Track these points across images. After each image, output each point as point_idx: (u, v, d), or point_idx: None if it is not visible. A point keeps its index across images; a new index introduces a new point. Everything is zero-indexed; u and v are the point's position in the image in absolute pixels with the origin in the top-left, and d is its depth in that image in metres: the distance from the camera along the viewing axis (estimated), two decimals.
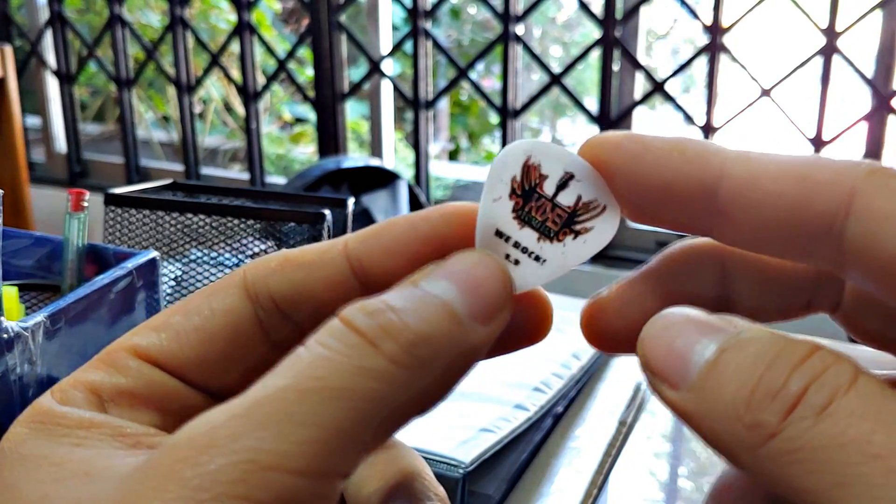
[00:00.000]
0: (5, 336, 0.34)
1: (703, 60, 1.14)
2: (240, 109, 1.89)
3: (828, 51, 1.06)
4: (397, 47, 1.39)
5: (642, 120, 1.28)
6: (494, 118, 2.19)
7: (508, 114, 1.30)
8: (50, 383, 0.17)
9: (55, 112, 1.75)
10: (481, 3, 1.27)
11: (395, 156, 1.59)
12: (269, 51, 1.49)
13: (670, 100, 1.17)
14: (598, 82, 1.22)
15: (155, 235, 0.51)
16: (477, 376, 0.53)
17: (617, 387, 0.52)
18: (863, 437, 0.12)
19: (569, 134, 2.39)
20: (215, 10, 1.83)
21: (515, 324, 0.17)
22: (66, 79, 1.68)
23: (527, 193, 0.17)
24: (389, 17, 1.43)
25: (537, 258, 0.17)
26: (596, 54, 1.22)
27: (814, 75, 1.08)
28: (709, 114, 1.15)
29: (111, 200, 0.52)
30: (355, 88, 1.44)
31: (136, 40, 1.61)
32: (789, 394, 0.12)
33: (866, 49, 1.07)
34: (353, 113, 1.91)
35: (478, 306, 0.15)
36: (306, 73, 1.77)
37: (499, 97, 1.31)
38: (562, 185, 0.17)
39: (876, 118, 1.07)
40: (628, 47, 1.19)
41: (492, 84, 2.12)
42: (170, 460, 0.13)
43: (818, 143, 1.09)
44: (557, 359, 0.51)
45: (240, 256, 0.50)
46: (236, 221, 0.50)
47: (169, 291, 0.51)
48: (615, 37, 1.18)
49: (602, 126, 1.22)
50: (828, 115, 1.08)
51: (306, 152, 1.99)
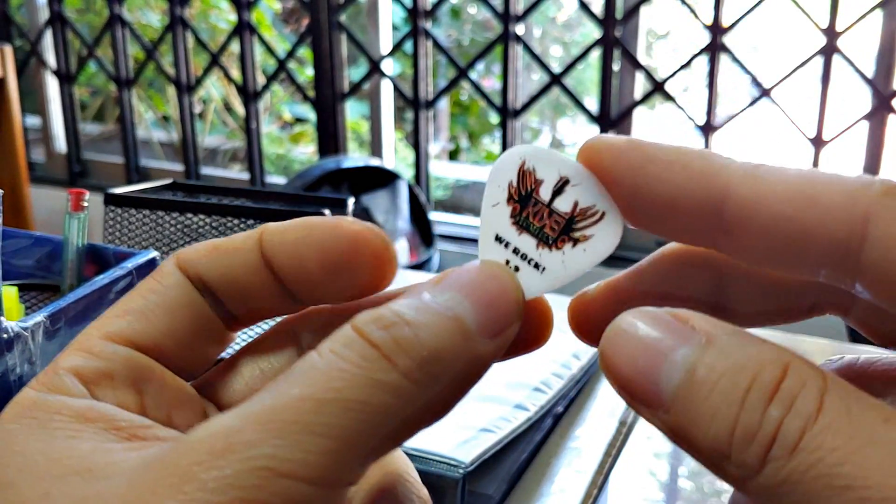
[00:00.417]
0: (5, 336, 0.34)
1: (703, 60, 1.14)
2: (240, 109, 1.89)
3: (828, 50, 1.06)
4: (397, 47, 1.39)
5: (642, 120, 1.28)
6: (494, 118, 2.19)
7: (508, 114, 1.30)
8: None
9: (55, 112, 1.75)
10: (481, 2, 1.27)
11: (395, 156, 1.59)
12: (269, 51, 1.49)
13: (671, 100, 1.17)
14: (599, 82, 1.22)
15: (155, 235, 0.51)
16: None
17: None
18: (831, 471, 0.12)
19: (569, 134, 2.39)
20: (215, 10, 1.83)
21: (529, 333, 0.17)
22: (66, 79, 1.68)
23: (523, 199, 0.17)
24: (389, 16, 1.43)
25: (536, 266, 0.17)
26: (596, 54, 1.22)
27: (814, 75, 1.08)
28: (709, 113, 1.15)
29: (111, 200, 0.52)
30: (355, 88, 1.44)
31: (135, 40, 1.61)
32: (765, 434, 0.13)
33: (866, 49, 1.07)
34: (353, 113, 1.91)
35: (489, 322, 0.15)
36: (306, 73, 1.77)
37: (499, 97, 1.31)
38: (558, 191, 0.17)
39: (876, 118, 1.07)
40: (628, 47, 1.19)
41: (492, 84, 2.12)
42: (185, 462, 0.13)
43: (818, 142, 1.09)
44: (558, 359, 0.51)
45: None
46: (236, 221, 0.50)
47: None
48: (615, 37, 1.18)
49: (602, 126, 1.22)
50: (828, 115, 1.08)
51: (306, 152, 1.99)
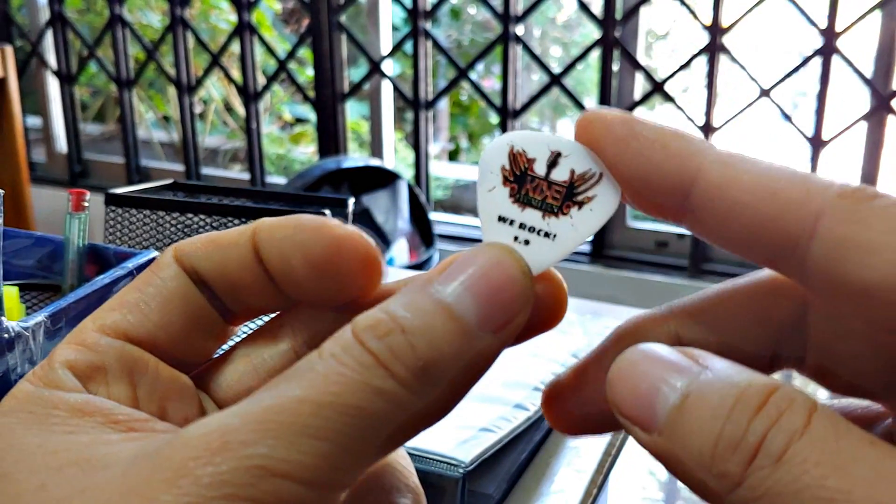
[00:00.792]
0: (6, 336, 0.34)
1: (702, 61, 1.14)
2: (240, 110, 1.89)
3: (827, 51, 1.06)
4: (397, 47, 1.39)
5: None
6: (494, 118, 2.19)
7: (508, 114, 1.30)
8: None
9: (56, 112, 1.75)
10: (481, 3, 1.27)
11: (396, 156, 1.59)
12: (270, 51, 1.49)
13: (670, 100, 1.17)
14: (598, 83, 1.22)
15: (155, 235, 0.51)
16: None
17: None
18: (816, 483, 0.12)
19: (569, 134, 2.39)
20: (215, 11, 1.83)
21: (542, 314, 0.17)
22: (67, 79, 1.68)
23: (519, 178, 0.17)
24: (389, 17, 1.43)
25: (547, 234, 0.17)
26: (596, 55, 1.22)
27: (813, 75, 1.08)
28: (708, 114, 1.15)
29: (112, 200, 0.52)
30: (355, 89, 1.44)
31: (136, 40, 1.61)
32: (749, 444, 0.13)
33: (865, 49, 1.07)
34: (353, 113, 1.91)
35: (492, 316, 0.15)
36: (306, 74, 1.77)
37: (499, 97, 1.31)
38: (552, 164, 0.17)
39: (875, 118, 1.07)
40: (628, 48, 1.19)
41: (492, 84, 2.12)
42: (181, 457, 0.13)
43: (817, 143, 1.09)
44: (558, 359, 0.51)
45: None
46: (237, 222, 0.50)
47: None
48: (615, 37, 1.18)
49: None
50: (827, 116, 1.08)
51: (306, 152, 1.99)
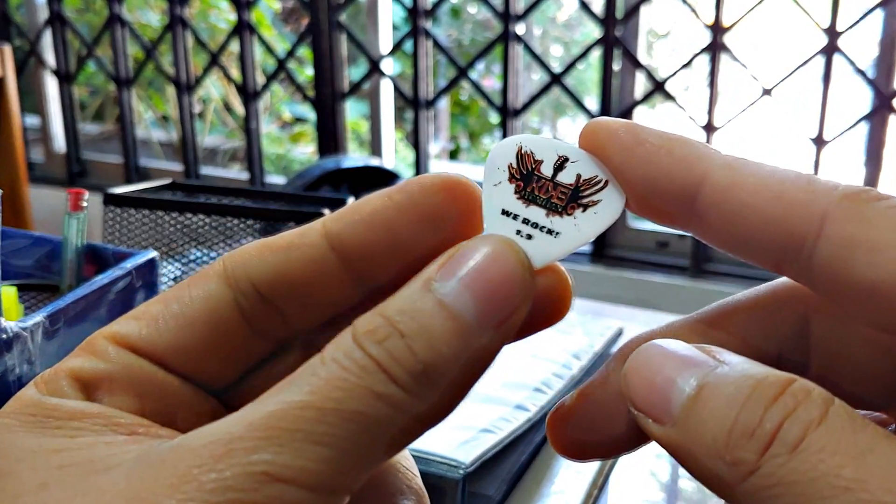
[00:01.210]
0: (4, 336, 0.34)
1: (703, 60, 1.14)
2: (239, 109, 1.89)
3: (829, 50, 1.06)
4: (397, 47, 1.39)
5: (643, 119, 1.28)
6: (495, 118, 2.18)
7: (509, 113, 1.29)
8: None
9: (54, 112, 1.74)
10: (481, 2, 1.26)
11: (396, 155, 1.59)
12: (269, 50, 1.49)
13: (671, 99, 1.17)
14: (599, 82, 1.22)
15: (154, 235, 0.51)
16: None
17: None
18: (832, 471, 0.12)
19: (569, 133, 2.39)
20: (215, 10, 1.82)
21: (533, 304, 0.16)
22: (66, 78, 1.68)
23: (525, 177, 0.17)
24: (389, 16, 1.43)
25: (550, 231, 0.17)
26: (597, 54, 1.22)
27: (815, 75, 1.08)
28: (710, 113, 1.14)
29: (110, 200, 0.52)
30: (355, 88, 1.44)
31: (135, 40, 1.61)
32: (764, 432, 0.13)
33: (868, 48, 1.07)
34: (353, 112, 1.91)
35: (492, 311, 0.15)
36: (306, 73, 1.77)
37: (499, 97, 1.31)
38: (559, 168, 0.17)
39: (877, 118, 1.07)
40: (629, 47, 1.18)
41: (492, 84, 2.12)
42: (185, 463, 0.13)
43: (819, 142, 1.09)
44: (558, 359, 0.51)
45: None
46: (236, 221, 0.49)
47: None
48: (616, 36, 1.17)
49: None
50: (829, 115, 1.08)
51: (306, 152, 1.99)
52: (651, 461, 0.47)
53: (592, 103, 1.27)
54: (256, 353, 0.17)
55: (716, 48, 1.11)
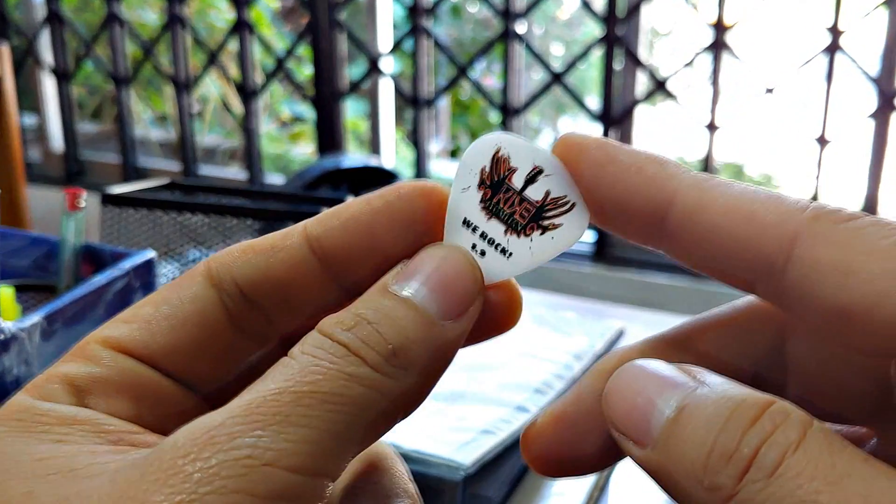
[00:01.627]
0: (1, 337, 0.34)
1: (705, 58, 1.14)
2: (238, 108, 1.88)
3: (832, 49, 1.05)
4: (397, 45, 1.39)
5: (644, 118, 1.28)
6: (495, 117, 2.18)
7: (509, 112, 1.29)
8: None
9: (52, 111, 1.74)
10: (482, 0, 1.26)
11: (396, 155, 1.59)
12: (268, 49, 1.48)
13: (673, 98, 1.17)
14: (600, 81, 1.22)
15: (153, 235, 0.50)
16: (477, 378, 0.52)
17: None
18: (809, 497, 0.12)
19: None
20: (213, 9, 1.82)
21: (485, 313, 0.17)
22: (63, 77, 1.68)
23: (495, 185, 0.17)
24: (390, 14, 1.42)
25: (504, 251, 0.17)
26: (598, 53, 1.22)
27: (818, 74, 1.08)
28: (712, 112, 1.14)
29: (108, 200, 0.52)
30: (355, 87, 1.44)
31: (133, 39, 1.60)
32: (742, 456, 0.13)
33: (871, 47, 1.06)
34: (353, 111, 1.90)
35: (449, 305, 0.16)
36: (305, 72, 1.76)
37: (499, 96, 1.30)
38: (530, 179, 0.17)
39: (880, 117, 1.06)
40: (630, 46, 1.18)
41: (493, 83, 2.12)
42: (170, 457, 0.13)
43: (822, 141, 1.09)
44: (558, 360, 0.50)
45: None
46: (235, 221, 0.49)
47: None
48: (617, 35, 1.17)
49: (604, 124, 1.22)
50: (832, 114, 1.08)
51: (305, 151, 1.98)
52: None
53: (593, 102, 1.26)
54: (245, 354, 0.18)
55: (718, 47, 1.11)
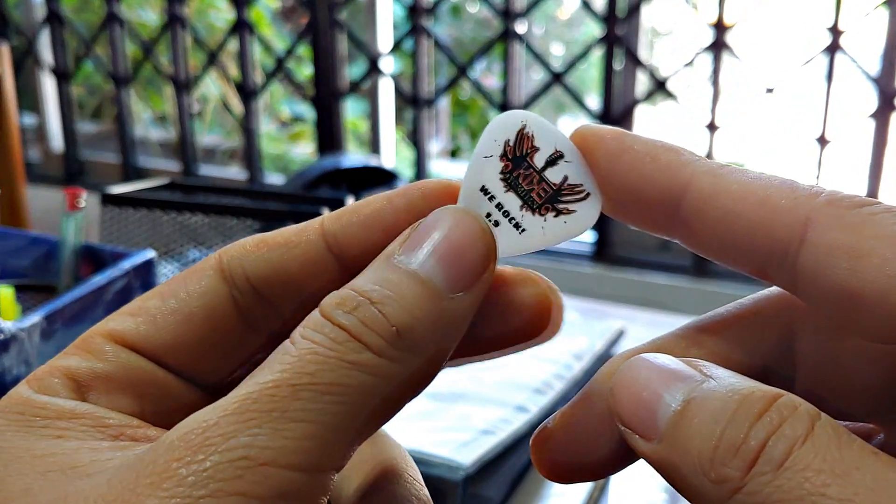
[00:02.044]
0: (1, 337, 0.34)
1: (706, 58, 1.14)
2: (238, 108, 1.88)
3: (832, 49, 1.05)
4: (397, 45, 1.39)
5: (645, 118, 1.28)
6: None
7: None
8: None
9: (52, 111, 1.74)
10: (482, 0, 1.26)
11: (396, 155, 1.58)
12: (268, 49, 1.48)
13: (673, 98, 1.17)
14: (601, 81, 1.22)
15: (152, 235, 0.50)
16: (477, 378, 0.52)
17: None
18: (817, 490, 0.12)
19: (570, 132, 2.39)
20: (213, 9, 1.82)
21: (512, 315, 0.17)
22: (63, 77, 1.68)
23: (517, 160, 0.17)
24: (389, 14, 1.42)
25: (517, 225, 0.17)
26: (598, 53, 1.21)
27: (818, 74, 1.08)
28: (712, 112, 1.14)
29: (108, 200, 0.52)
30: (355, 87, 1.44)
31: (133, 38, 1.60)
32: (749, 448, 0.13)
33: (871, 47, 1.06)
34: (353, 111, 1.90)
35: (459, 275, 0.15)
36: (305, 72, 1.76)
37: (499, 95, 1.30)
38: (551, 162, 0.17)
39: (881, 116, 1.06)
40: (631, 45, 1.18)
41: (493, 83, 2.12)
42: (164, 459, 0.13)
43: (822, 141, 1.09)
44: (559, 360, 0.50)
45: None
46: (234, 221, 0.49)
47: None
48: (617, 35, 1.17)
49: (604, 124, 1.22)
50: (832, 114, 1.08)
51: (305, 151, 1.98)
52: None
53: (594, 102, 1.26)
54: (250, 348, 0.17)
55: (718, 47, 1.11)
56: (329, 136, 1.46)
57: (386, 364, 0.14)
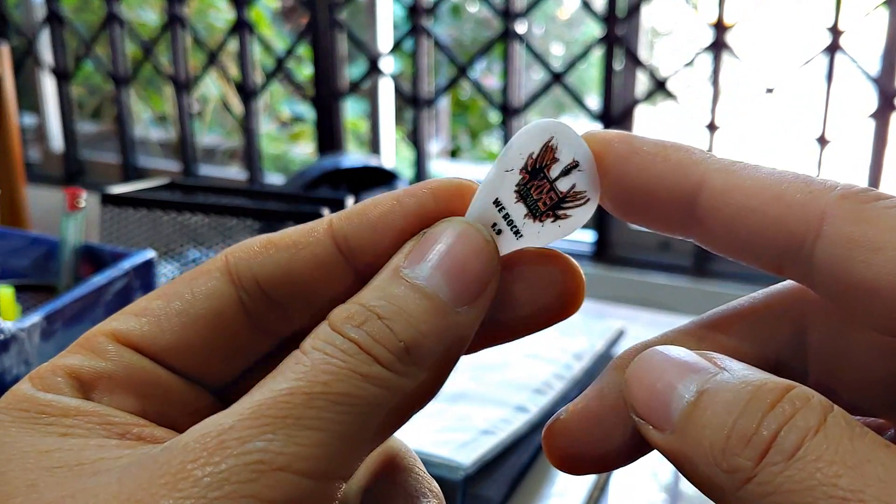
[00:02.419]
0: (1, 337, 0.34)
1: (706, 58, 1.14)
2: (238, 108, 1.88)
3: (832, 49, 1.05)
4: (397, 45, 1.39)
5: (644, 118, 1.28)
6: (495, 117, 2.18)
7: (509, 112, 1.29)
8: None
9: (52, 111, 1.74)
10: (482, 0, 1.26)
11: (396, 155, 1.58)
12: (268, 49, 1.48)
13: (673, 98, 1.17)
14: (601, 81, 1.22)
15: (152, 235, 0.50)
16: (478, 378, 0.52)
17: None
18: (829, 481, 0.12)
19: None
20: (213, 9, 1.82)
21: (545, 296, 0.17)
22: (63, 77, 1.68)
23: (534, 171, 0.17)
24: (389, 14, 1.42)
25: (517, 232, 0.17)
26: (598, 53, 1.21)
27: (818, 74, 1.08)
28: (712, 112, 1.14)
29: (108, 200, 0.52)
30: (355, 87, 1.44)
31: (133, 38, 1.60)
32: (761, 439, 0.13)
33: (871, 47, 1.06)
34: (353, 111, 1.90)
35: (464, 288, 0.15)
36: (305, 72, 1.76)
37: (499, 95, 1.30)
38: (565, 172, 0.17)
39: (881, 116, 1.06)
40: (631, 45, 1.18)
41: (493, 83, 2.12)
42: (179, 460, 0.13)
43: (822, 141, 1.09)
44: (559, 360, 0.50)
45: None
46: (234, 221, 0.49)
47: None
48: (617, 35, 1.17)
49: (604, 124, 1.22)
50: (832, 114, 1.08)
51: (305, 151, 1.98)
52: (652, 463, 0.47)
53: (594, 102, 1.26)
54: (257, 350, 0.17)
55: (718, 47, 1.11)
56: (329, 136, 1.46)
57: (394, 377, 0.14)
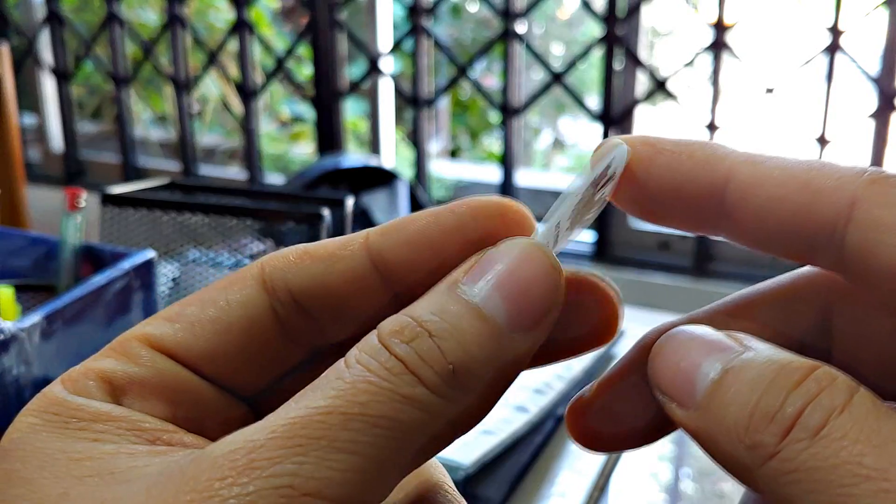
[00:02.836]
0: (1, 337, 0.34)
1: (706, 58, 1.14)
2: (238, 108, 1.88)
3: (832, 49, 1.05)
4: (397, 45, 1.39)
5: (644, 118, 1.28)
6: (495, 117, 2.18)
7: (509, 112, 1.29)
8: (46, 384, 0.16)
9: (52, 111, 1.74)
10: (482, 0, 1.26)
11: (396, 155, 1.58)
12: (268, 49, 1.48)
13: (673, 98, 1.17)
14: (601, 80, 1.22)
15: (152, 235, 0.50)
16: None
17: None
18: (854, 459, 0.12)
19: (570, 133, 2.39)
20: (213, 9, 1.82)
21: (582, 325, 0.17)
22: (63, 77, 1.68)
23: (595, 186, 0.17)
24: (389, 14, 1.42)
25: (555, 241, 0.17)
26: (598, 52, 1.21)
27: (818, 74, 1.08)
28: (712, 112, 1.14)
29: (108, 200, 0.52)
30: (355, 87, 1.44)
31: (133, 38, 1.60)
32: (785, 416, 0.13)
33: (871, 47, 1.06)
34: (353, 111, 1.90)
35: (524, 314, 0.14)
36: (305, 72, 1.76)
37: (499, 95, 1.30)
38: (605, 184, 0.17)
39: (881, 116, 1.06)
40: (631, 45, 1.18)
41: (492, 83, 2.12)
42: (207, 477, 0.13)
43: (822, 141, 1.09)
44: None
45: (238, 256, 0.50)
46: (234, 221, 0.49)
47: (166, 292, 0.50)
48: (617, 35, 1.17)
49: (604, 124, 1.22)
50: (832, 114, 1.08)
51: (305, 151, 1.98)
52: (652, 463, 0.47)
53: (594, 102, 1.26)
54: (289, 361, 0.17)
55: (718, 47, 1.11)
56: (329, 136, 1.46)
57: (438, 402, 0.13)
